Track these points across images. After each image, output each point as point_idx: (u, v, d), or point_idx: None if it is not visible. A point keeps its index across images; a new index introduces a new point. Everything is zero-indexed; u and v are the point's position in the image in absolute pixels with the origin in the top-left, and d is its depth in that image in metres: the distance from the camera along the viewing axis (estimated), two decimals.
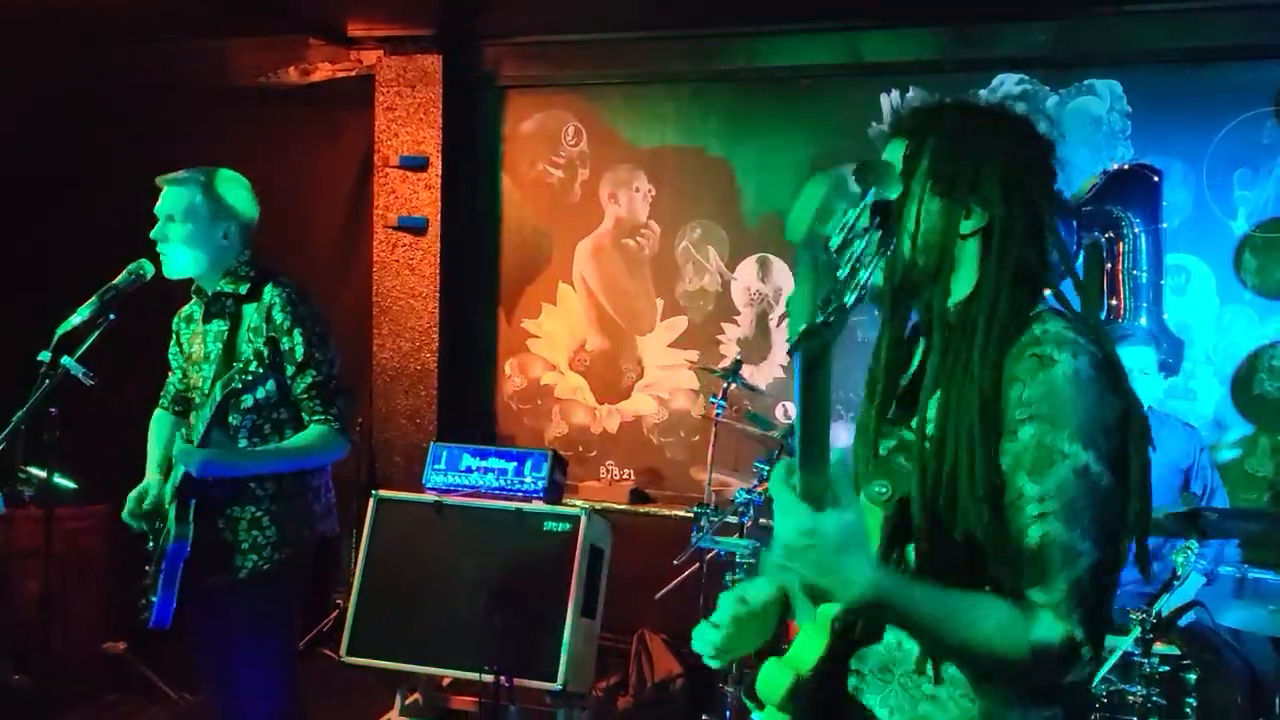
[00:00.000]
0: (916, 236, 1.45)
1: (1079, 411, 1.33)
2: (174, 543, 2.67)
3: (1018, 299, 1.43)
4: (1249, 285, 4.28)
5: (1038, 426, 1.33)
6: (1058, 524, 1.31)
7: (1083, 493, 1.32)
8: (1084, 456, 1.32)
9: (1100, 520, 1.33)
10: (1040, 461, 1.33)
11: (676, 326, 5.07)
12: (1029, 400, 1.34)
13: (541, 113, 5.24)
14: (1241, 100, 4.24)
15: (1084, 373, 1.34)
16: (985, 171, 1.45)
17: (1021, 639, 1.30)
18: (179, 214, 2.75)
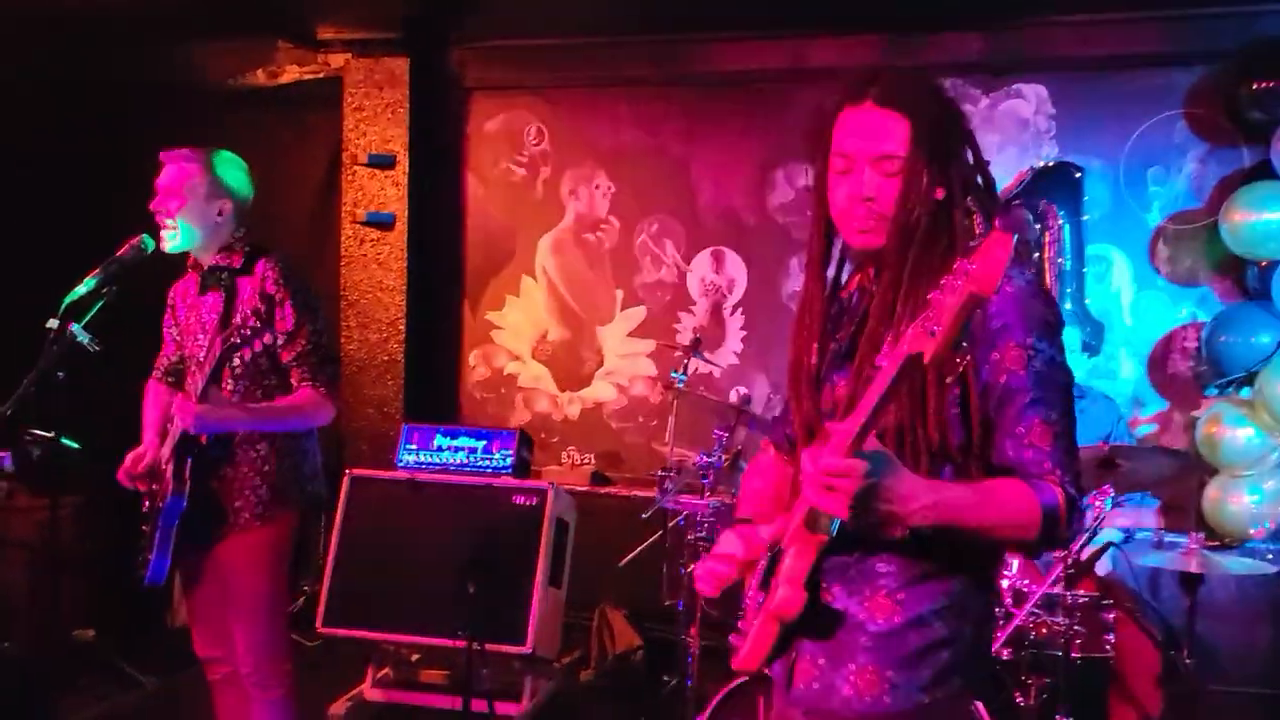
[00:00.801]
0: (912, 203, 1.64)
1: (1037, 313, 1.59)
2: (171, 499, 2.80)
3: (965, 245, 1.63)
4: (1162, 273, 4.57)
5: (1008, 334, 1.58)
6: (1041, 406, 1.56)
7: (1051, 375, 1.57)
8: (1050, 349, 1.58)
9: (1064, 392, 1.59)
10: (1017, 360, 1.57)
11: (635, 317, 5.28)
12: (995, 314, 1.57)
13: (505, 113, 5.41)
14: (1154, 104, 4.53)
15: (1032, 285, 1.61)
16: (961, 150, 1.68)
17: (1034, 509, 1.52)
18: (179, 188, 2.88)
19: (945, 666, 1.60)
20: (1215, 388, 4.11)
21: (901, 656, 1.60)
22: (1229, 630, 4.33)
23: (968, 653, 1.63)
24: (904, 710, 1.59)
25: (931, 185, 1.64)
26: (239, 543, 2.89)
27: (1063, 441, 1.56)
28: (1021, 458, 1.55)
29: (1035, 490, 1.53)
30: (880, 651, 1.60)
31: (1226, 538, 4.12)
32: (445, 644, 3.90)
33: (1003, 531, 1.55)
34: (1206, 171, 4.50)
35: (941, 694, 1.60)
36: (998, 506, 1.53)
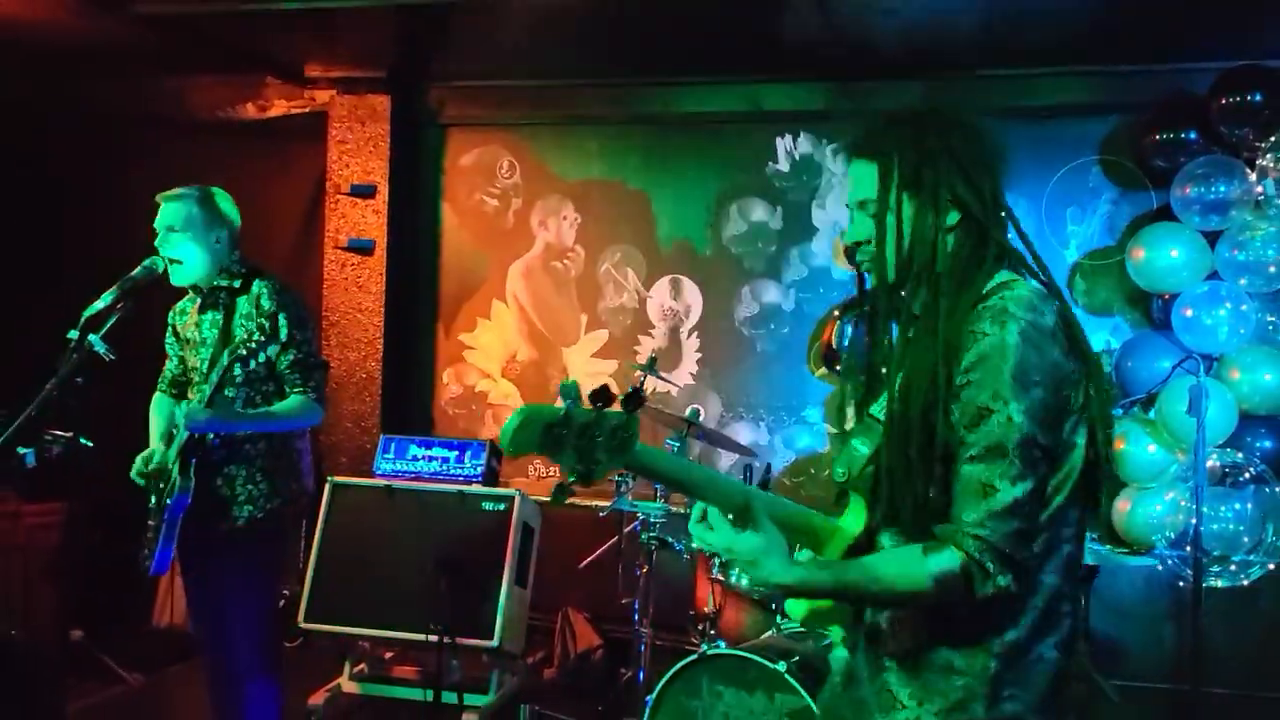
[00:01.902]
0: (902, 241, 1.66)
1: (1002, 372, 1.53)
2: (177, 495, 3.07)
3: (969, 281, 1.64)
4: (1080, 304, 4.91)
5: (972, 388, 1.55)
6: (980, 464, 1.52)
7: (1003, 439, 1.52)
8: (1006, 410, 1.52)
9: (1016, 461, 1.51)
10: (974, 416, 1.54)
11: (598, 339, 5.56)
12: (966, 367, 1.56)
13: (479, 148, 5.69)
14: (1071, 150, 4.91)
15: (1010, 340, 1.54)
16: (949, 175, 1.66)
17: (921, 574, 1.52)
18: (179, 224, 3.17)
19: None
20: (1120, 408, 4.50)
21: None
22: (1137, 629, 4.72)
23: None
24: None
25: (928, 216, 1.66)
26: (239, 536, 3.16)
27: (995, 504, 1.52)
28: (953, 512, 1.56)
29: (930, 557, 1.54)
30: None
31: (1135, 546, 4.51)
32: (419, 638, 4.19)
33: (896, 601, 1.61)
34: (1118, 212, 4.89)
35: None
36: (880, 583, 1.57)
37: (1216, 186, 4.35)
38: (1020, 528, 1.52)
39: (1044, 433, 1.54)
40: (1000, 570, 1.50)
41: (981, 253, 1.67)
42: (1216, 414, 4.11)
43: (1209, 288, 4.41)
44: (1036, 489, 1.54)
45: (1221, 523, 4.23)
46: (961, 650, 1.60)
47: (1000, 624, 1.58)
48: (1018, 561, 1.52)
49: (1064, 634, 1.63)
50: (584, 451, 1.42)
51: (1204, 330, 4.36)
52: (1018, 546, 1.52)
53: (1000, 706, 1.58)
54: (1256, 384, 4.30)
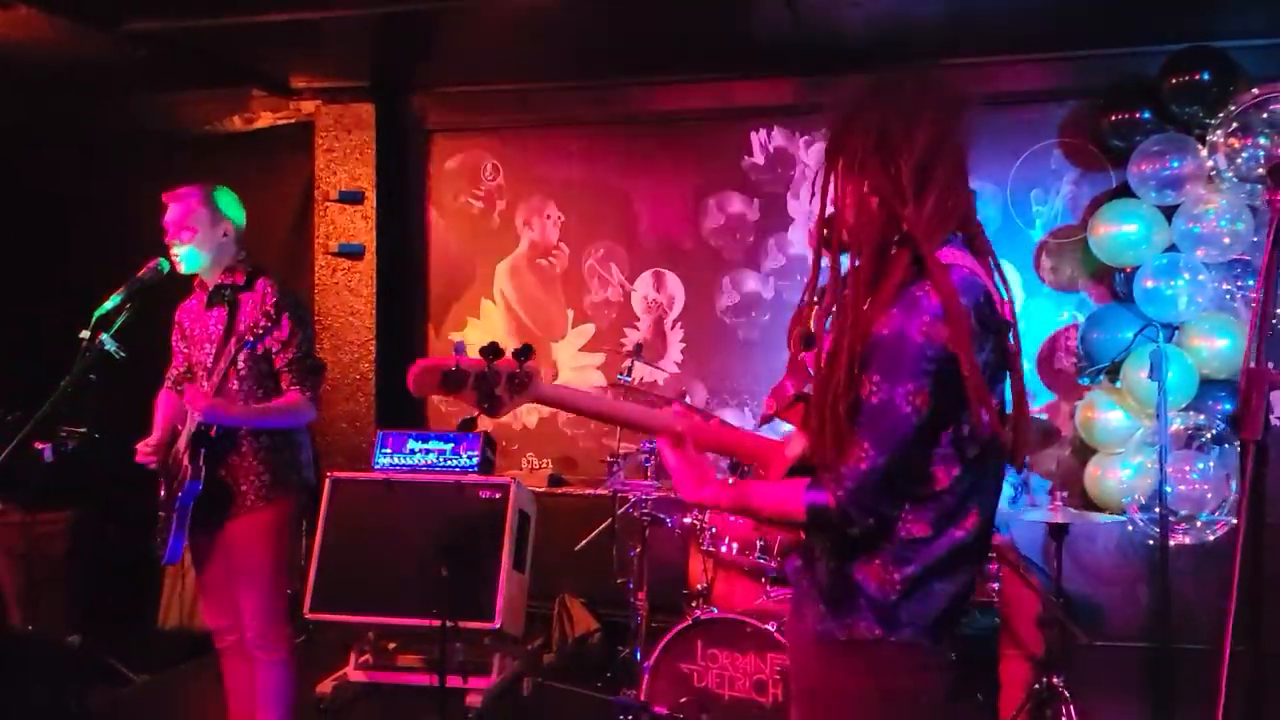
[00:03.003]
0: (845, 208, 1.78)
1: (894, 360, 1.68)
2: (189, 484, 3.20)
3: (891, 253, 1.74)
4: (1046, 281, 5.12)
5: (870, 365, 1.71)
6: (861, 431, 1.71)
7: (878, 413, 1.70)
8: (890, 392, 1.69)
9: (888, 437, 1.69)
10: (867, 389, 1.71)
11: (585, 333, 5.71)
12: (872, 344, 1.70)
13: (463, 152, 5.84)
14: (1034, 134, 5.09)
15: (908, 334, 1.67)
16: (865, 144, 1.74)
17: (799, 505, 1.75)
18: (187, 221, 3.30)
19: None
20: (1087, 377, 4.68)
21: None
22: (1111, 590, 4.90)
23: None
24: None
25: (847, 182, 1.78)
26: (245, 522, 3.30)
27: (864, 465, 1.70)
28: (835, 460, 1.74)
29: (808, 491, 1.75)
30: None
31: (1106, 510, 4.70)
32: (422, 623, 4.31)
33: (778, 519, 1.86)
34: (1080, 192, 5.08)
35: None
36: (766, 504, 1.85)
37: (1171, 163, 4.55)
38: (884, 488, 1.72)
39: (919, 415, 1.69)
40: (861, 518, 1.72)
41: (897, 227, 1.74)
42: (1179, 379, 4.30)
43: (1168, 260, 4.60)
44: (906, 460, 1.72)
45: (1187, 483, 4.42)
46: (870, 582, 1.79)
47: (900, 563, 1.77)
48: (878, 513, 1.73)
49: (964, 578, 1.82)
50: (484, 391, 1.72)
51: (1164, 300, 4.55)
52: (878, 502, 1.72)
53: (897, 630, 1.78)
54: (1215, 349, 4.49)
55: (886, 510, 1.74)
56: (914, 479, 1.75)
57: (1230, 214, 4.46)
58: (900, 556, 1.76)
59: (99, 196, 5.59)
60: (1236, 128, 4.36)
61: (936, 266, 1.69)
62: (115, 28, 4.71)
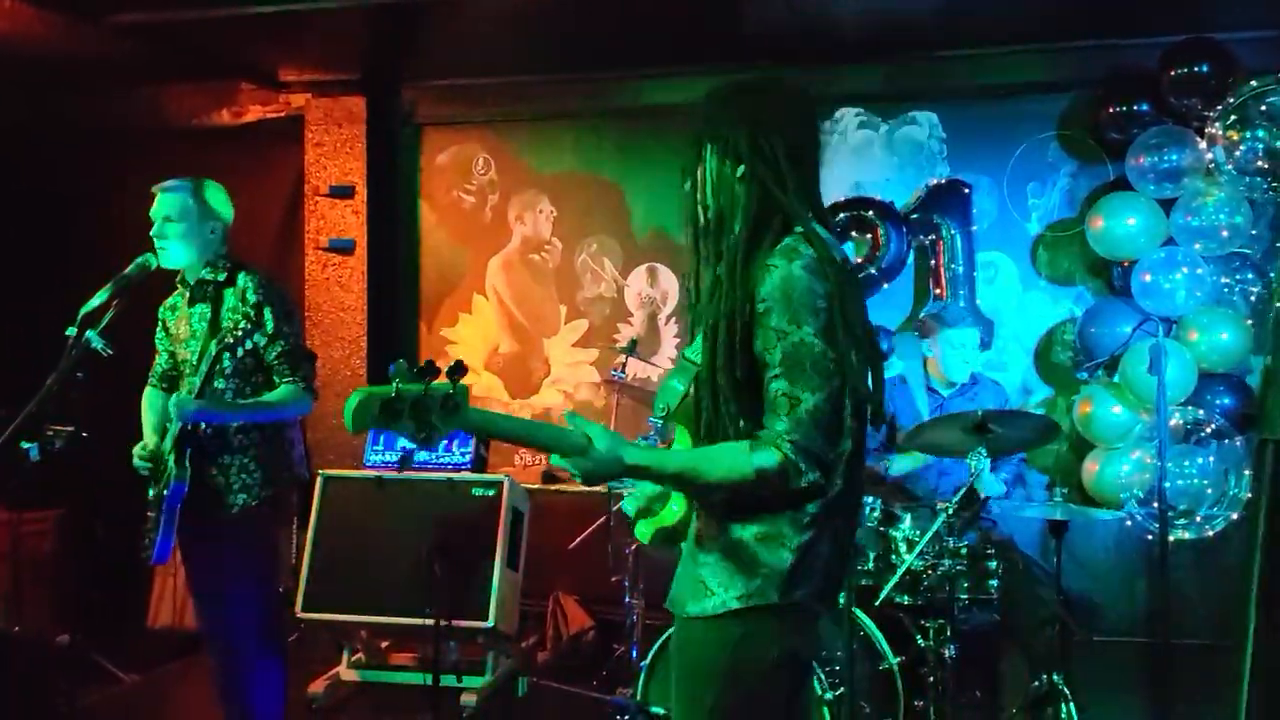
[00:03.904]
0: (713, 189, 1.92)
1: (791, 300, 1.78)
2: (174, 485, 3.12)
3: (766, 230, 1.87)
4: (1043, 275, 5.08)
5: (767, 316, 1.79)
6: (783, 380, 1.78)
7: (797, 356, 1.77)
8: (800, 332, 1.77)
9: (813, 374, 1.77)
10: (770, 340, 1.79)
11: (578, 329, 5.66)
12: (763, 298, 1.80)
13: (455, 146, 5.79)
14: (1031, 126, 5.06)
15: (795, 272, 1.79)
16: (736, 132, 1.90)
17: (746, 466, 1.76)
18: (175, 215, 3.24)
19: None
20: (1085, 372, 4.65)
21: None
22: (1109, 586, 4.87)
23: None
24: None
25: (721, 166, 1.91)
26: (236, 522, 3.22)
27: (800, 412, 1.76)
28: (766, 422, 1.80)
29: (754, 452, 1.77)
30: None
31: (1105, 504, 4.67)
32: (415, 622, 4.28)
33: (725, 485, 1.81)
34: (1077, 185, 5.04)
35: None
36: (709, 470, 1.80)
37: (1169, 155, 4.52)
38: (825, 429, 1.79)
39: (833, 347, 1.79)
40: (810, 468, 1.77)
41: (772, 205, 1.88)
42: (1177, 373, 4.27)
43: (1166, 253, 4.57)
44: (834, 394, 1.79)
45: (1186, 478, 4.40)
46: (766, 546, 1.84)
47: (798, 528, 1.84)
48: (825, 460, 1.79)
49: (846, 537, 1.94)
50: (420, 420, 1.63)
51: (1162, 294, 4.52)
52: (824, 446, 1.79)
53: (792, 594, 1.85)
54: (1214, 343, 4.47)
55: (829, 455, 1.80)
56: (842, 417, 1.83)
57: (1229, 207, 4.43)
58: (798, 519, 1.83)
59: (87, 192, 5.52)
60: (1235, 120, 4.33)
61: (809, 228, 1.85)
62: (102, 20, 4.65)
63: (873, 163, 5.28)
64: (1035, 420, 3.82)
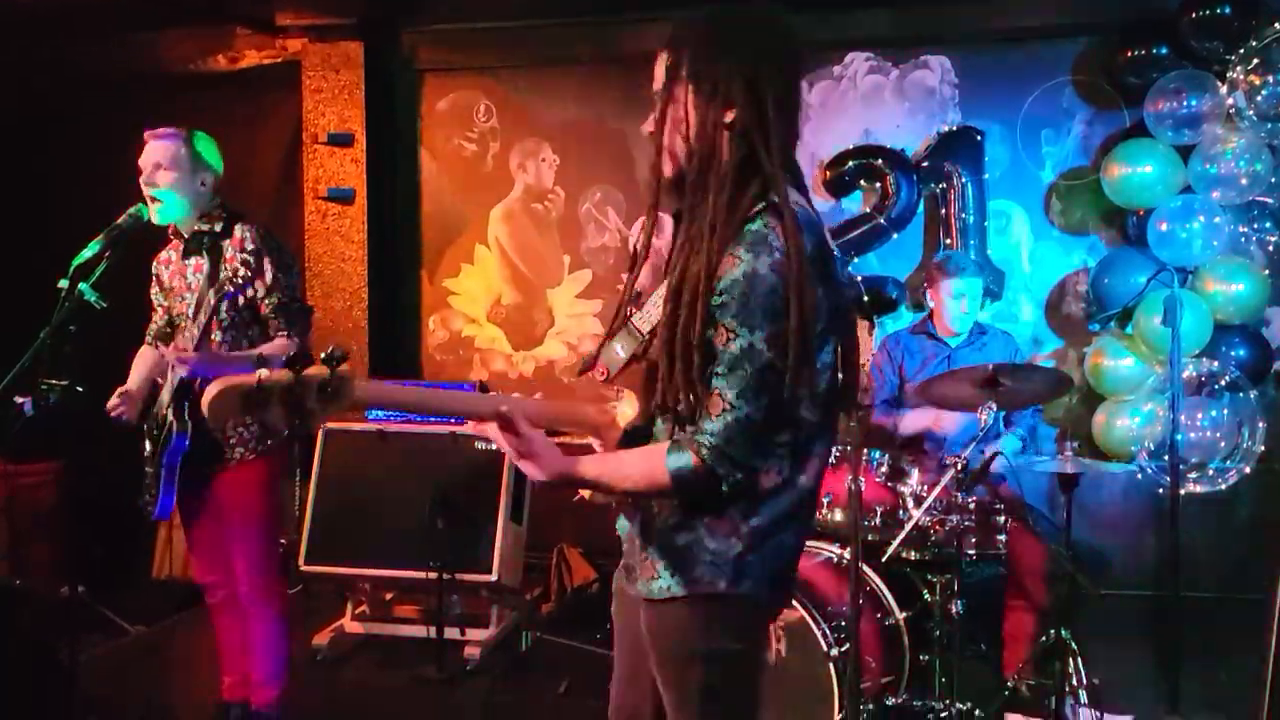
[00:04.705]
0: (689, 133, 1.71)
1: (750, 300, 1.62)
2: (175, 438, 3.12)
3: (744, 192, 1.68)
4: (1056, 224, 4.98)
5: (724, 310, 1.64)
6: (723, 380, 1.65)
7: (742, 360, 1.64)
8: (750, 336, 1.63)
9: (754, 377, 1.64)
10: (724, 336, 1.65)
11: (582, 279, 5.58)
12: (722, 289, 1.64)
13: (455, 93, 5.66)
14: (1045, 71, 4.92)
15: (760, 270, 1.62)
16: (732, 72, 1.68)
17: (661, 472, 1.66)
18: (166, 162, 3.16)
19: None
20: (1097, 323, 4.57)
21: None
22: (1118, 538, 4.84)
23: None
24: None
25: (704, 108, 1.70)
26: (235, 475, 3.22)
27: (729, 418, 1.65)
28: (701, 414, 1.68)
29: (670, 457, 1.67)
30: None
31: (1114, 457, 4.62)
32: (418, 576, 4.28)
33: (642, 491, 1.73)
34: (1092, 132, 4.92)
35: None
36: (624, 477, 1.71)
37: (1188, 101, 4.40)
38: (753, 438, 1.67)
39: (781, 359, 1.64)
40: (731, 473, 1.66)
41: (754, 162, 1.70)
42: (1192, 324, 4.20)
43: (1182, 202, 4.47)
44: (771, 406, 1.66)
45: (1199, 430, 4.34)
46: (715, 535, 1.75)
47: (748, 514, 1.74)
48: (749, 465, 1.69)
49: (803, 530, 1.84)
50: (293, 405, 1.55)
51: (1179, 244, 4.43)
52: (749, 454, 1.68)
53: (740, 583, 1.75)
54: (1230, 294, 4.38)
55: (756, 462, 1.70)
56: (776, 426, 1.71)
57: (1249, 154, 4.33)
58: (749, 508, 1.74)
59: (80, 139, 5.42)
60: (1257, 64, 4.21)
61: (786, 204, 1.67)
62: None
63: (882, 109, 5.16)
64: (1046, 374, 3.76)
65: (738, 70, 1.70)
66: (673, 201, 1.79)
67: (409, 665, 4.28)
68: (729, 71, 1.70)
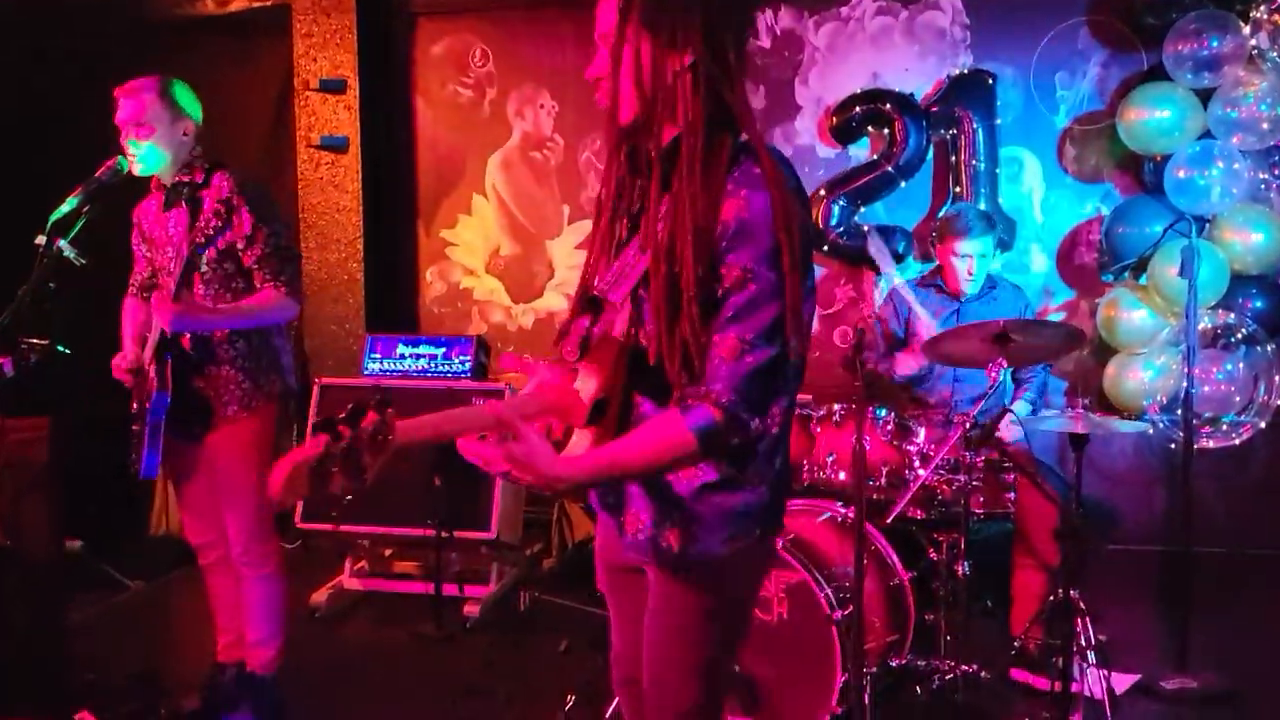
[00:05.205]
0: (645, 78, 1.66)
1: (764, 239, 1.60)
2: (156, 395, 3.02)
3: (717, 136, 1.66)
4: (1069, 171, 4.84)
5: (734, 251, 1.60)
6: (738, 325, 1.61)
7: (760, 300, 1.60)
8: (770, 275, 1.60)
9: (772, 318, 1.61)
10: (736, 279, 1.61)
11: (582, 230, 5.43)
12: (730, 230, 1.60)
13: (449, 37, 5.50)
14: (1060, 11, 4.76)
15: (766, 207, 1.60)
16: (689, 16, 1.64)
17: (686, 435, 1.60)
18: (144, 118, 3.04)
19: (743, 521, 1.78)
20: (1110, 274, 4.45)
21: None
22: (1128, 493, 4.77)
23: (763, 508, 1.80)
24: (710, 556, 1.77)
25: (661, 54, 1.65)
26: (226, 434, 3.14)
27: (747, 362, 1.61)
28: (706, 365, 1.63)
29: (689, 417, 1.61)
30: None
31: (1125, 411, 4.53)
32: (416, 533, 4.23)
33: (664, 465, 1.67)
34: (1108, 75, 4.77)
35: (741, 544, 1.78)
36: (647, 453, 1.64)
37: (1209, 42, 4.24)
38: (770, 381, 1.65)
39: (795, 293, 1.62)
40: (753, 415, 1.63)
41: (722, 105, 1.67)
42: (1209, 275, 4.08)
43: (1201, 147, 4.33)
44: (786, 345, 1.64)
45: (1213, 384, 4.23)
46: (744, 488, 1.76)
47: (772, 458, 1.78)
48: (768, 404, 1.68)
49: (779, 472, 1.83)
50: (351, 468, 1.48)
51: (1197, 191, 4.29)
52: (769, 392, 1.67)
53: (769, 528, 1.83)
54: (1249, 243, 4.25)
55: (771, 401, 1.69)
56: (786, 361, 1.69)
57: (1271, 97, 4.18)
58: (772, 451, 1.77)
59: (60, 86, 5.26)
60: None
61: (763, 146, 1.66)
62: None
63: (891, 51, 4.99)
64: (1057, 329, 3.64)
65: (696, 14, 1.65)
66: (630, 147, 1.75)
67: (408, 622, 4.26)
68: (686, 17, 1.65)
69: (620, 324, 1.77)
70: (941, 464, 3.35)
